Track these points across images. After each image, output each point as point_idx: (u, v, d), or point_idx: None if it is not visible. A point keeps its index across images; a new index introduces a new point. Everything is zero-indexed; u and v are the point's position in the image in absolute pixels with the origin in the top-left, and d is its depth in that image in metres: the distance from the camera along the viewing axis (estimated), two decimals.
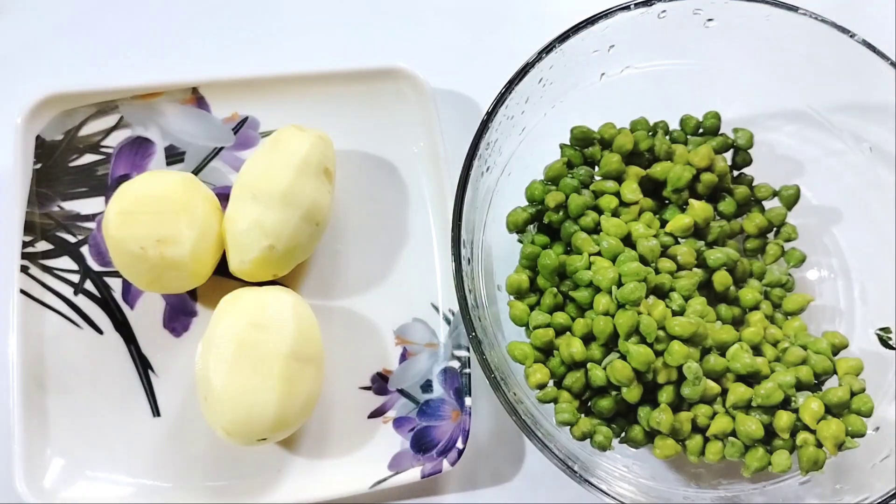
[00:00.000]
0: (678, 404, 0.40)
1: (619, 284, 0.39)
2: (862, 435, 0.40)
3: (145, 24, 0.52)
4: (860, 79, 0.44)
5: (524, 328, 0.42)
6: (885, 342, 0.44)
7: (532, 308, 0.42)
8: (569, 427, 0.40)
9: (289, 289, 0.44)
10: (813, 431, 0.39)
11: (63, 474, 0.43)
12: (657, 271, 0.41)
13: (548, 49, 0.41)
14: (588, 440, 0.40)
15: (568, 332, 0.41)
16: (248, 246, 0.42)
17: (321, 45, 0.53)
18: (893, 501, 0.37)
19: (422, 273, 0.48)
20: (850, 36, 0.42)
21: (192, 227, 0.42)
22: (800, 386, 0.40)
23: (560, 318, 0.41)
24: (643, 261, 0.40)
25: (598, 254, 0.41)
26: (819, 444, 0.39)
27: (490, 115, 0.40)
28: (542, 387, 0.40)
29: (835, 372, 0.41)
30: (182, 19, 0.52)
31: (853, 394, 0.40)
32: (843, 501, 0.38)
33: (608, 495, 0.37)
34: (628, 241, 0.42)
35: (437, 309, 0.48)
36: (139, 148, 0.48)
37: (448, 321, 0.47)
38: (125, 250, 0.41)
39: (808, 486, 0.41)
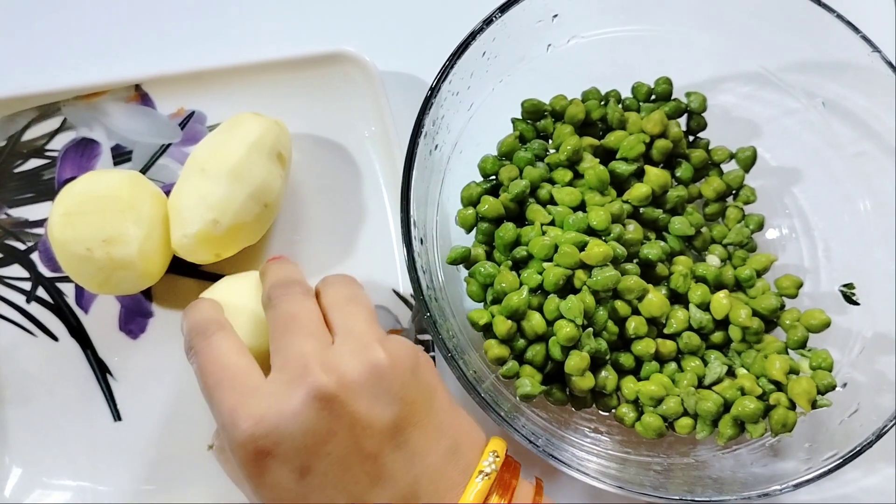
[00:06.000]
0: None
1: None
2: (832, 388, 0.39)
3: (83, 22, 0.51)
4: (809, 35, 0.44)
5: (482, 304, 0.42)
6: (849, 298, 0.44)
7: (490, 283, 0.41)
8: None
9: None
10: (784, 390, 0.39)
11: (23, 483, 0.42)
12: (620, 239, 0.41)
13: (488, 20, 0.40)
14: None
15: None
16: (191, 220, 0.41)
17: (265, 33, 0.52)
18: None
19: (381, 259, 0.47)
20: None
21: (140, 226, 0.41)
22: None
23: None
24: (593, 230, 0.40)
25: (553, 224, 0.41)
26: (791, 406, 0.39)
27: (433, 90, 0.39)
28: (502, 362, 0.39)
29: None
30: (121, 15, 0.51)
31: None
32: (812, 459, 0.38)
33: (574, 469, 0.36)
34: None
35: (398, 294, 0.47)
36: (85, 149, 0.47)
37: (410, 306, 0.47)
38: (71, 253, 0.40)
39: (779, 446, 0.41)
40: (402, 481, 0.32)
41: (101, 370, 0.45)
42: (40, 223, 0.46)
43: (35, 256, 0.46)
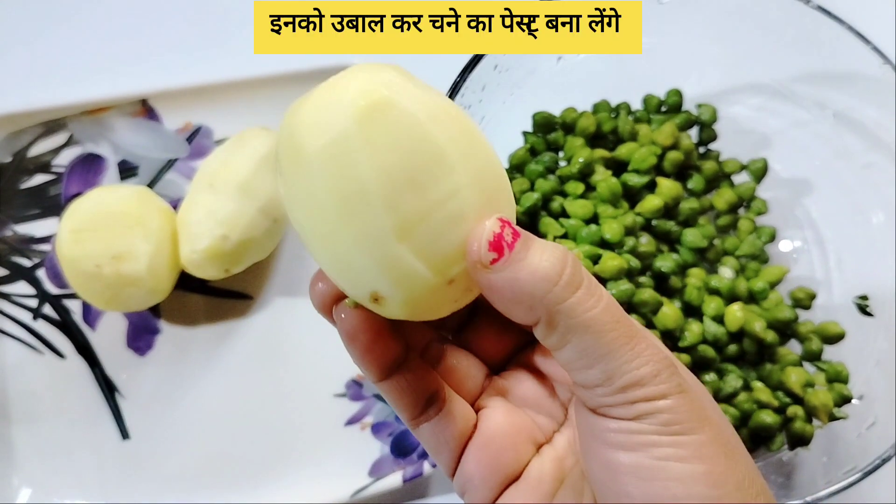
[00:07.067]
0: None
1: None
2: (848, 400, 0.39)
3: (88, 37, 0.50)
4: (819, 46, 0.44)
5: None
6: (863, 310, 0.44)
7: None
8: None
9: None
10: (801, 402, 0.39)
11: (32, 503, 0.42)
12: (634, 252, 0.41)
13: None
14: None
15: None
16: (200, 235, 0.41)
17: None
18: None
19: None
20: (805, 2, 0.41)
21: (148, 241, 0.41)
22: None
23: None
24: (606, 243, 0.40)
25: (565, 237, 0.40)
26: (808, 419, 0.39)
27: None
28: None
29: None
30: (126, 30, 0.51)
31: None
32: (830, 473, 0.37)
33: None
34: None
35: None
36: (91, 165, 0.47)
37: None
38: (80, 270, 0.40)
39: (796, 460, 0.40)
40: None
41: (108, 388, 0.44)
42: (46, 239, 0.46)
43: (41, 273, 0.45)
